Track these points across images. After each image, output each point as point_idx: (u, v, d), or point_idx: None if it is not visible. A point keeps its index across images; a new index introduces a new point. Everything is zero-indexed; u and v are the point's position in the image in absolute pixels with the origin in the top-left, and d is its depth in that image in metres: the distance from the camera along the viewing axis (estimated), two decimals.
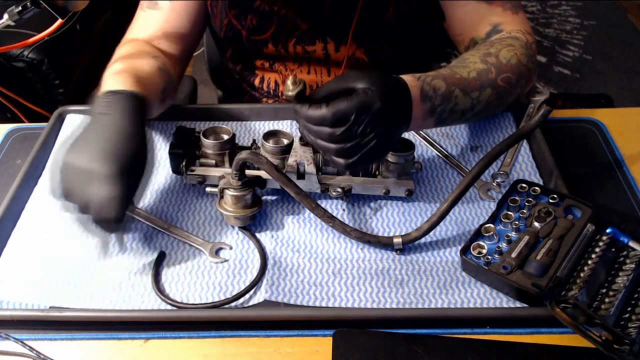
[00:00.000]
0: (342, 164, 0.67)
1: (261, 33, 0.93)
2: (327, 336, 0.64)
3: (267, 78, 1.01)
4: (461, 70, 0.77)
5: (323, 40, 0.93)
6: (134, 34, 0.91)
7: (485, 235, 0.71)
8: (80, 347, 0.65)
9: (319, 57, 0.96)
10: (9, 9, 0.74)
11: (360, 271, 0.71)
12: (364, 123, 0.64)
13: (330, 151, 0.66)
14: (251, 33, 0.93)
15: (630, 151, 0.87)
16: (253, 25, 0.92)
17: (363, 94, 0.63)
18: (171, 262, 0.72)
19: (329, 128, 0.64)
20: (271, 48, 0.95)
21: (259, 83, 1.02)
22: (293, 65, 0.97)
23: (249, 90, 1.05)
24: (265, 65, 1.00)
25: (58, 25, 0.77)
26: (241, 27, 0.93)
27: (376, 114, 0.64)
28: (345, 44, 0.92)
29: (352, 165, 0.67)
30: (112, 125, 0.67)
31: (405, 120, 0.69)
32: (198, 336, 0.65)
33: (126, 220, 0.71)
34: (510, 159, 0.84)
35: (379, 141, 0.65)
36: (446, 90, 0.73)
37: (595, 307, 0.64)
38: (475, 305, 0.68)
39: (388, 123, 0.66)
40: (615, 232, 0.70)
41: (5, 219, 0.76)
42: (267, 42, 0.94)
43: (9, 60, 1.62)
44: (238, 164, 0.70)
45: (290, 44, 0.94)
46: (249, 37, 0.94)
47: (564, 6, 2.85)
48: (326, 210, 0.72)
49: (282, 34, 0.93)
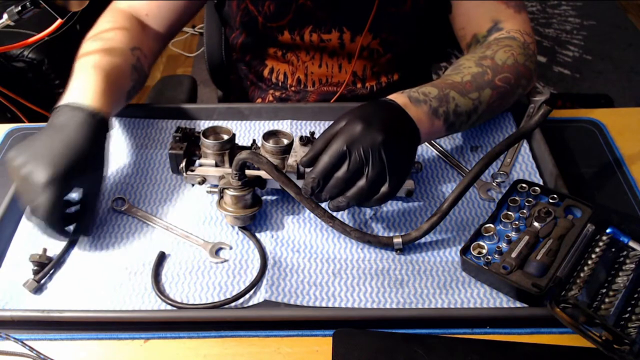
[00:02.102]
0: (384, 195, 0.66)
1: (278, 20, 0.93)
2: (327, 336, 0.64)
3: (277, 69, 1.01)
4: (454, 77, 0.78)
5: (339, 30, 0.93)
6: (119, 3, 0.90)
7: (485, 235, 0.71)
8: (80, 347, 0.65)
9: (333, 47, 0.96)
10: (9, 9, 0.74)
11: (360, 271, 0.71)
12: (363, 149, 0.64)
13: (362, 195, 0.66)
14: (268, 19, 0.93)
15: (630, 151, 0.87)
16: (270, 12, 0.92)
17: (344, 125, 0.66)
18: (171, 262, 0.72)
19: (338, 173, 0.65)
20: (287, 35, 0.95)
21: (267, 74, 1.02)
22: (305, 56, 0.97)
23: (255, 81, 1.05)
24: (278, 54, 0.99)
25: (58, 25, 0.77)
26: (257, 13, 0.93)
27: (363, 134, 0.64)
28: (361, 34, 0.93)
29: (392, 192, 0.67)
30: (63, 137, 0.69)
31: (406, 126, 0.69)
32: (198, 336, 0.65)
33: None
34: (510, 159, 0.84)
35: (392, 157, 0.65)
36: (439, 93, 0.74)
37: (595, 307, 0.64)
38: (475, 305, 0.68)
39: (385, 136, 0.65)
40: (615, 232, 0.70)
41: (6, 219, 0.76)
42: (283, 29, 0.94)
43: (9, 60, 1.62)
44: (238, 164, 0.70)
45: (306, 32, 0.94)
46: (265, 24, 0.94)
47: (564, 6, 2.85)
48: (326, 210, 0.72)
49: (298, 21, 0.93)
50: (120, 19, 0.88)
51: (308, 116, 0.91)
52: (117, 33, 0.85)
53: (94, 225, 0.76)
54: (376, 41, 0.95)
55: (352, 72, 0.98)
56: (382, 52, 0.96)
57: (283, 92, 1.03)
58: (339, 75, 0.98)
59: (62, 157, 0.67)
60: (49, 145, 0.68)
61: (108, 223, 0.77)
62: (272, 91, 1.04)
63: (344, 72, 0.98)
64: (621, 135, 0.89)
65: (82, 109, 0.71)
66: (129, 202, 0.79)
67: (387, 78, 1.00)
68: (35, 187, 0.65)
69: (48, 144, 0.68)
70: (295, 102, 1.03)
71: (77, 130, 0.69)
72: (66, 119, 0.70)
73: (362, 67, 0.98)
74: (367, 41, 0.94)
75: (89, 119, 0.71)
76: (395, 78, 1.00)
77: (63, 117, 0.71)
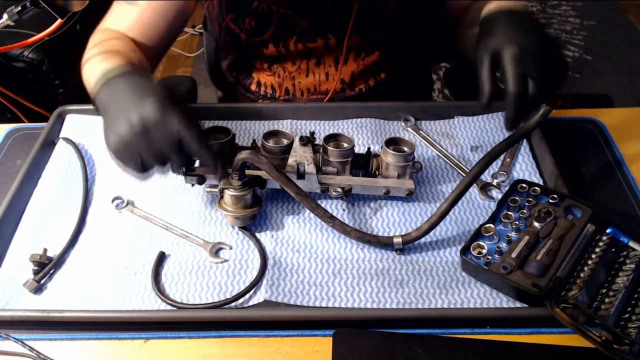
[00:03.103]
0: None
1: (261, 34, 0.93)
2: (327, 336, 0.64)
3: (263, 82, 1.01)
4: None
5: (324, 37, 0.93)
6: (107, 25, 0.91)
7: (485, 235, 0.71)
8: (80, 347, 0.65)
9: (320, 52, 0.96)
10: (9, 9, 0.74)
11: (360, 271, 0.71)
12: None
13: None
14: (250, 35, 0.93)
15: (630, 151, 0.87)
16: (252, 27, 0.92)
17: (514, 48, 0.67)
18: (171, 262, 0.72)
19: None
20: (272, 49, 0.95)
21: (255, 87, 1.02)
22: (292, 67, 0.97)
23: (243, 92, 1.05)
24: (264, 66, 1.00)
25: (58, 25, 0.77)
26: (240, 31, 0.93)
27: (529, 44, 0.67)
28: (348, 37, 0.93)
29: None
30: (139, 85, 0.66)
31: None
32: (198, 336, 0.66)
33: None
34: (510, 159, 0.84)
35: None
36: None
37: (595, 307, 0.64)
38: (475, 305, 0.68)
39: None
40: (615, 232, 0.70)
41: (6, 219, 0.76)
42: (267, 43, 0.94)
43: (9, 60, 1.62)
44: (238, 164, 0.70)
45: (291, 43, 0.94)
46: (248, 40, 0.94)
47: (564, 6, 2.85)
48: (326, 210, 0.72)
49: (282, 33, 0.93)
50: (113, 33, 0.88)
51: (308, 116, 0.91)
52: (114, 41, 0.85)
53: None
54: (364, 42, 0.95)
55: (341, 80, 0.98)
56: (370, 51, 0.97)
57: (272, 101, 1.03)
58: (327, 83, 0.98)
59: (161, 89, 0.64)
60: (151, 85, 0.65)
61: (108, 223, 0.77)
62: (261, 101, 1.04)
63: (331, 80, 0.98)
64: (621, 135, 0.89)
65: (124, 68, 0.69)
66: (129, 202, 0.79)
67: (374, 79, 1.00)
68: (172, 123, 0.62)
69: (147, 85, 0.65)
70: None
71: (140, 78, 0.67)
72: (131, 76, 0.67)
73: (350, 73, 0.98)
74: (354, 42, 0.95)
75: (137, 70, 0.69)
76: (382, 77, 1.00)
77: (125, 78, 0.67)
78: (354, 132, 0.89)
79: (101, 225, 0.77)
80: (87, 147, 0.87)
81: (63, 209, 0.78)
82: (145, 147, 0.63)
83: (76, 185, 0.81)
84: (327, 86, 0.99)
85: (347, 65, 0.97)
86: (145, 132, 0.62)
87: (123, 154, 0.65)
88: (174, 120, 0.62)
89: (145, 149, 0.63)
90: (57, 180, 0.82)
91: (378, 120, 0.91)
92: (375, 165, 0.78)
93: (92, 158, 0.85)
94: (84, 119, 0.91)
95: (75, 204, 0.79)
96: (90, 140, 0.87)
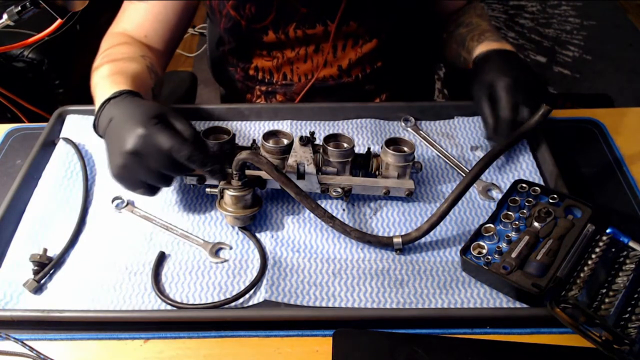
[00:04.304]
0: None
1: (261, 21, 0.94)
2: (327, 336, 0.64)
3: (261, 67, 1.02)
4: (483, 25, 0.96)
5: (323, 24, 0.93)
6: (119, 26, 0.94)
7: (485, 235, 0.71)
8: (80, 347, 0.65)
9: (319, 39, 0.97)
10: (9, 9, 0.74)
11: (360, 271, 0.71)
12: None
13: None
14: (250, 22, 0.94)
15: (630, 151, 0.87)
16: (252, 14, 0.93)
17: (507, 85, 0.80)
18: (171, 262, 0.72)
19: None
20: (271, 35, 0.95)
21: (254, 72, 1.04)
22: (291, 53, 0.98)
23: (242, 79, 1.06)
24: (264, 52, 1.01)
25: (58, 25, 0.77)
26: (240, 17, 0.93)
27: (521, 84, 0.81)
28: (347, 24, 0.94)
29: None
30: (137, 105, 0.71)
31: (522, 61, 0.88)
32: (198, 336, 0.66)
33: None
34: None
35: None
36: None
37: (595, 307, 0.64)
38: (475, 305, 0.68)
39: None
40: (615, 232, 0.70)
41: (6, 219, 0.76)
42: (267, 29, 0.95)
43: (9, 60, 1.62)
44: (238, 164, 0.70)
45: (291, 29, 0.95)
46: (248, 26, 0.95)
47: (564, 6, 2.85)
48: (326, 210, 0.72)
49: (281, 19, 0.94)
50: (122, 38, 0.91)
51: (308, 116, 0.91)
52: (123, 47, 0.88)
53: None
54: (362, 29, 0.96)
55: (338, 67, 0.99)
56: (368, 39, 0.97)
57: (269, 87, 1.03)
58: (324, 69, 0.99)
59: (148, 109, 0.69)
60: (138, 111, 0.69)
61: (108, 223, 0.77)
62: (259, 86, 1.04)
63: (329, 67, 0.99)
64: (621, 135, 0.89)
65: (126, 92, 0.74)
66: (129, 202, 0.79)
67: (370, 67, 1.01)
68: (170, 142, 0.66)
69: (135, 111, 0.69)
70: (282, 95, 1.03)
71: (138, 99, 0.73)
72: (122, 103, 0.72)
73: (347, 60, 0.98)
74: (352, 29, 0.95)
75: (127, 94, 0.74)
76: (379, 65, 1.01)
77: (117, 106, 0.72)
78: (354, 132, 0.89)
79: (101, 225, 0.77)
80: (87, 147, 0.87)
81: (63, 209, 0.78)
82: (143, 172, 0.68)
83: (76, 185, 0.81)
84: (324, 72, 1.00)
85: (345, 52, 0.98)
86: (139, 158, 0.67)
87: (126, 182, 0.70)
88: (162, 140, 0.66)
89: (143, 174, 0.68)
90: (57, 180, 0.82)
91: (378, 121, 0.91)
92: (375, 166, 0.78)
93: (92, 158, 0.86)
94: (84, 119, 0.91)
95: (75, 204, 0.79)
96: (90, 140, 0.87)
